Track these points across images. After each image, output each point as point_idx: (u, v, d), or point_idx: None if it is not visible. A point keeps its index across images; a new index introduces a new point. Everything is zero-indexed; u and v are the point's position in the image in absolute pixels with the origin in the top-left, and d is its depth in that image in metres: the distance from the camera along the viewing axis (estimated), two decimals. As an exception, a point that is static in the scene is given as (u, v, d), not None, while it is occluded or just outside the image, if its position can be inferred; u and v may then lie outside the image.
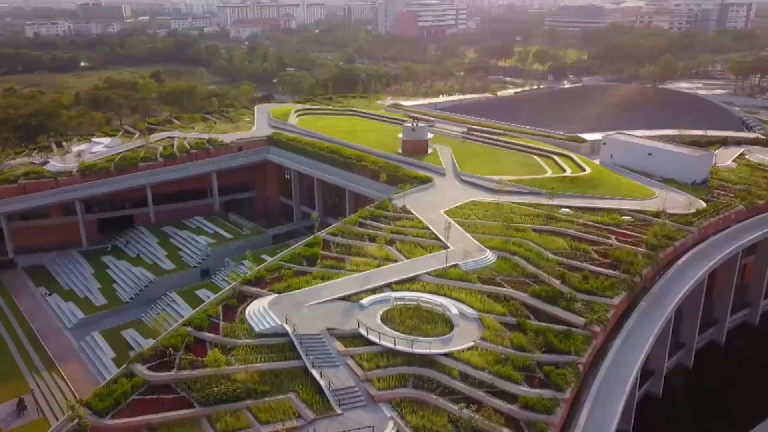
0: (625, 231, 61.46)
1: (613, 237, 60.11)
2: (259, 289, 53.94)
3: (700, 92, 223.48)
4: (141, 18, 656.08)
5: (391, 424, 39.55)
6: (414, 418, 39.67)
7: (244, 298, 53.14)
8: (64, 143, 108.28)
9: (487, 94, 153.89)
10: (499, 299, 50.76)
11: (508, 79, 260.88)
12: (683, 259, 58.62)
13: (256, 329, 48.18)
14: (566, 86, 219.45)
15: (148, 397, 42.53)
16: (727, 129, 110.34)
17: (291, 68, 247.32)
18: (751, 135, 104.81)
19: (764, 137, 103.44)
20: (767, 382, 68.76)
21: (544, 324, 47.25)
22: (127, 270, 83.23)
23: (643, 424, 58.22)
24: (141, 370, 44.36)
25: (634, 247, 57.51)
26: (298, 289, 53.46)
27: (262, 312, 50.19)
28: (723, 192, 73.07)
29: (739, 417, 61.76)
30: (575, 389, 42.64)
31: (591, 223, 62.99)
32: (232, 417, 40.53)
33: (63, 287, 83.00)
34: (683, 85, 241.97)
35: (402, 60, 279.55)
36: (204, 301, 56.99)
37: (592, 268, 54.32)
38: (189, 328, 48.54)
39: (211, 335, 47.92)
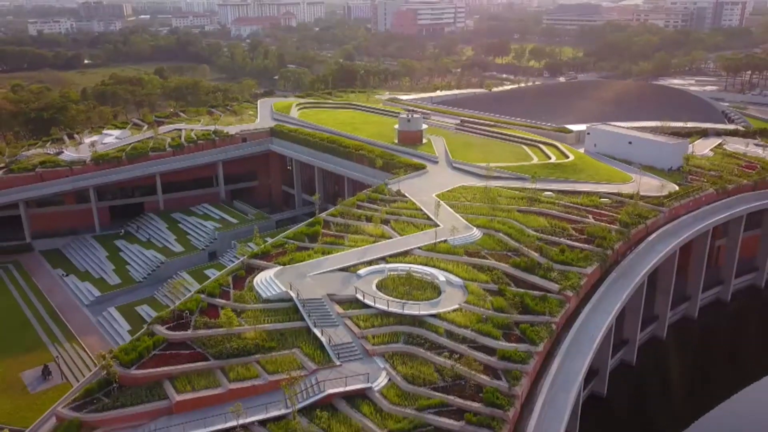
0: (602, 211, 66.68)
1: (590, 216, 65.33)
2: (265, 262, 59.19)
3: (692, 88, 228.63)
4: (142, 16, 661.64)
5: (383, 373, 44.81)
6: (404, 368, 44.92)
7: (252, 270, 58.38)
8: (75, 135, 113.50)
9: (482, 89, 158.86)
10: (483, 269, 55.97)
11: (504, 76, 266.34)
12: (653, 236, 63.86)
13: (263, 295, 53.41)
14: (558, 82, 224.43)
15: (167, 352, 47.71)
16: (710, 121, 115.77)
17: (292, 65, 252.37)
18: (731, 127, 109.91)
19: (743, 129, 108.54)
20: (739, 354, 74.20)
21: (522, 290, 52.52)
22: (139, 252, 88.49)
23: (618, 391, 63.64)
24: (160, 329, 49.58)
25: (608, 225, 62.76)
26: (301, 262, 58.68)
27: (268, 281, 55.43)
28: (696, 177, 78.29)
29: (714, 383, 66.92)
30: (548, 345, 47.87)
31: (571, 205, 68.21)
32: (242, 368, 45.75)
33: (78, 269, 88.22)
34: (676, 82, 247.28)
35: (400, 57, 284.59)
36: (213, 279, 62.13)
37: (569, 242, 59.57)
38: (202, 295, 53.78)
39: (222, 301, 53.14)
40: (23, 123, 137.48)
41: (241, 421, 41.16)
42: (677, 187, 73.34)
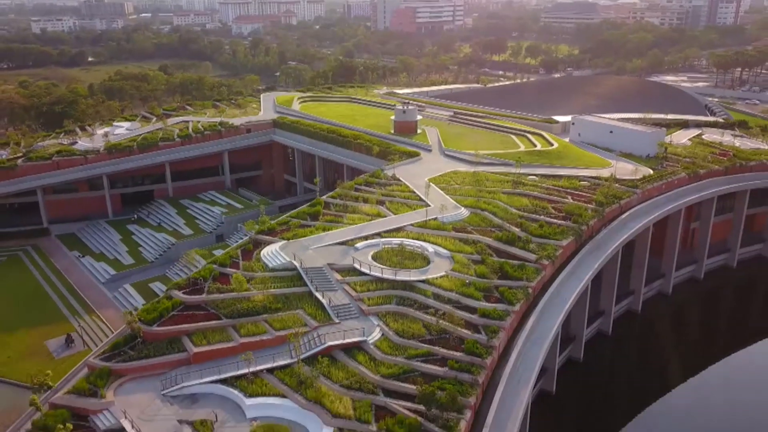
0: (580, 193, 72.38)
1: (569, 197, 71.02)
2: (270, 237, 64.92)
3: (684, 84, 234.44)
4: (143, 14, 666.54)
5: (377, 329, 50.53)
6: (395, 325, 50.65)
7: (259, 245, 64.09)
8: (87, 127, 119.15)
9: (476, 85, 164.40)
10: (468, 243, 61.69)
11: (501, 72, 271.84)
12: (626, 214, 69.61)
13: (270, 265, 59.15)
14: (552, 77, 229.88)
15: (184, 313, 53.42)
16: (694, 114, 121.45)
17: (292, 62, 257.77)
18: (711, 119, 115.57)
19: (723, 121, 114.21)
20: (710, 328, 79.94)
21: (503, 259, 58.23)
22: (151, 235, 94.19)
23: (593, 357, 69.39)
24: (178, 294, 55.33)
25: (585, 204, 68.48)
26: (304, 237, 64.42)
27: (274, 253, 61.17)
28: (671, 163, 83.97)
29: (685, 354, 72.54)
30: (525, 306, 53.58)
31: (552, 187, 73.93)
32: (252, 326, 51.46)
33: (94, 251, 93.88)
34: (669, 78, 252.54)
35: (399, 55, 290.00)
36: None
37: (548, 219, 65.29)
38: (214, 266, 59.49)
39: (232, 270, 58.83)
40: (35, 116, 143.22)
41: (251, 369, 46.92)
42: (651, 172, 79.03)
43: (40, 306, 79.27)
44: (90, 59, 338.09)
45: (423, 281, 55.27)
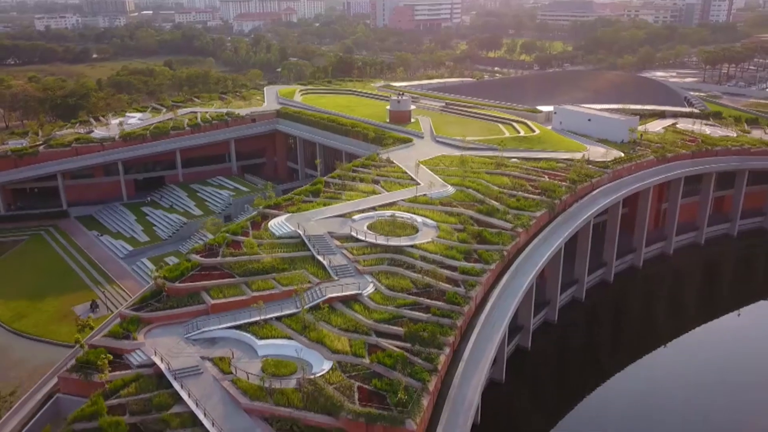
0: (556, 172, 79.95)
1: (546, 176, 78.57)
2: (277, 211, 72.46)
3: (673, 80, 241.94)
4: (144, 12, 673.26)
5: (371, 284, 58.02)
6: (387, 281, 58.16)
7: (266, 217, 71.55)
8: (101, 118, 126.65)
9: (470, 78, 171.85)
10: (453, 214, 69.22)
11: (496, 68, 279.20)
12: (596, 191, 77.19)
13: (277, 234, 66.67)
14: (542, 72, 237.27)
15: (202, 272, 60.91)
16: (674, 106, 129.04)
17: (293, 58, 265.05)
18: (687, 109, 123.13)
19: (698, 111, 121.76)
20: (677, 300, 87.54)
21: (482, 228, 65.78)
22: (164, 216, 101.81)
23: (567, 320, 76.98)
24: (195, 257, 62.82)
25: (560, 182, 76.03)
26: (307, 210, 71.93)
27: (280, 223, 68.70)
28: (643, 148, 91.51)
29: (653, 322, 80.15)
30: (500, 266, 61.12)
31: (531, 168, 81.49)
32: (262, 282, 58.92)
33: (111, 230, 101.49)
34: (659, 74, 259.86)
35: (398, 51, 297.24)
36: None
37: (525, 195, 72.86)
38: (227, 234, 67.01)
39: (243, 237, 66.35)
40: (49, 108, 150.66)
41: (262, 317, 54.41)
42: (623, 155, 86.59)
43: (64, 278, 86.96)
44: (94, 56, 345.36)
45: (411, 246, 62.80)
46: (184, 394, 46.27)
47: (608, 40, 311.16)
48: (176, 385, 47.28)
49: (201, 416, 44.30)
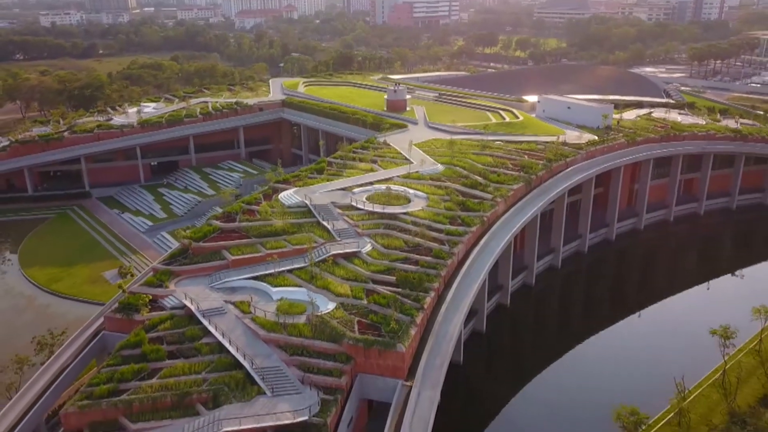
0: (535, 153, 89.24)
1: (525, 156, 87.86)
2: (286, 185, 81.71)
3: (661, 75, 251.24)
4: (146, 9, 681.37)
5: (369, 244, 67.24)
6: (382, 241, 67.38)
7: (277, 191, 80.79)
8: (117, 107, 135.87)
9: (464, 72, 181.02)
10: (441, 188, 78.46)
11: (491, 64, 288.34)
12: (570, 168, 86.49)
13: (287, 203, 75.92)
14: (535, 66, 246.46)
15: (222, 235, 70.18)
16: (652, 97, 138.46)
17: (295, 54, 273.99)
18: (663, 100, 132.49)
19: (674, 102, 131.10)
20: (647, 268, 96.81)
21: (466, 198, 75.09)
22: (179, 196, 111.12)
23: (545, 286, 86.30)
24: (215, 222, 72.07)
25: (537, 161, 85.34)
26: (312, 185, 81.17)
27: (289, 195, 77.99)
28: (616, 132, 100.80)
29: (623, 290, 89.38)
30: (480, 230, 70.39)
31: (513, 149, 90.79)
32: (275, 242, 68.12)
33: (131, 209, 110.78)
34: (648, 70, 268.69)
35: (396, 47, 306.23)
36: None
37: (506, 171, 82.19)
38: (243, 204, 76.28)
39: (257, 207, 75.61)
40: (66, 99, 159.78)
41: (276, 269, 63.64)
42: (596, 138, 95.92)
43: (92, 249, 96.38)
44: (100, 51, 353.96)
45: (404, 213, 72.06)
46: (211, 328, 55.49)
47: (601, 37, 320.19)
48: (204, 322, 56.51)
49: (227, 344, 53.51)
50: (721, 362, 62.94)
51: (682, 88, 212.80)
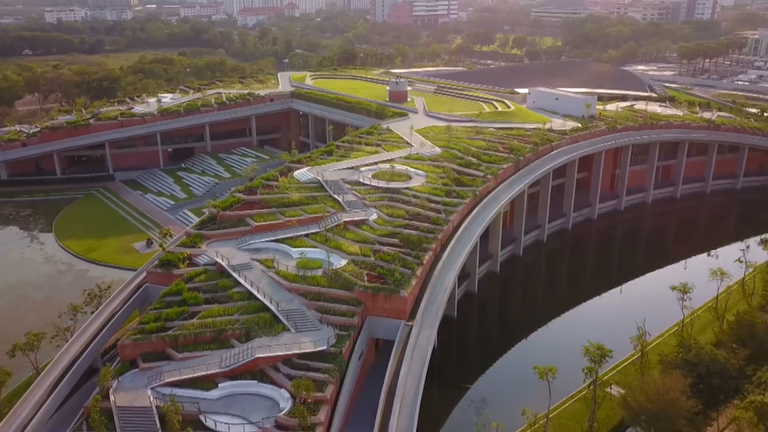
0: (523, 138, 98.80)
1: (515, 140, 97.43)
2: (299, 165, 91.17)
3: (652, 73, 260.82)
4: (148, 6, 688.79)
5: (375, 213, 76.68)
6: (386, 210, 76.79)
7: (291, 169, 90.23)
8: (135, 98, 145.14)
9: (461, 67, 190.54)
10: (439, 167, 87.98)
11: (489, 61, 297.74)
12: (555, 151, 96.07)
13: (301, 180, 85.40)
14: (531, 63, 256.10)
15: (245, 205, 79.59)
16: (637, 92, 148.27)
17: (299, 50, 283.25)
18: (647, 94, 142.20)
19: (656, 95, 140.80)
20: (629, 247, 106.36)
21: (461, 175, 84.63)
22: (198, 178, 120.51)
23: (532, 257, 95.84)
24: (239, 195, 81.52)
25: (525, 144, 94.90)
26: (323, 165, 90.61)
27: (303, 173, 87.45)
28: (599, 121, 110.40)
29: (603, 266, 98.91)
30: (473, 202, 79.89)
31: (504, 134, 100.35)
32: (292, 211, 77.49)
33: (153, 190, 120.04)
34: (640, 68, 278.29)
35: (396, 45, 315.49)
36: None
37: (496, 153, 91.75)
38: (262, 180, 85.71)
39: (274, 182, 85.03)
40: (85, 90, 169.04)
41: (295, 234, 73.07)
42: (579, 125, 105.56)
43: (120, 224, 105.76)
44: (107, 47, 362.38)
45: (406, 188, 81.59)
46: (241, 279, 64.88)
47: (595, 36, 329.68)
48: (235, 275, 65.89)
49: (255, 292, 62.90)
50: (682, 316, 72.50)
51: (672, 85, 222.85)
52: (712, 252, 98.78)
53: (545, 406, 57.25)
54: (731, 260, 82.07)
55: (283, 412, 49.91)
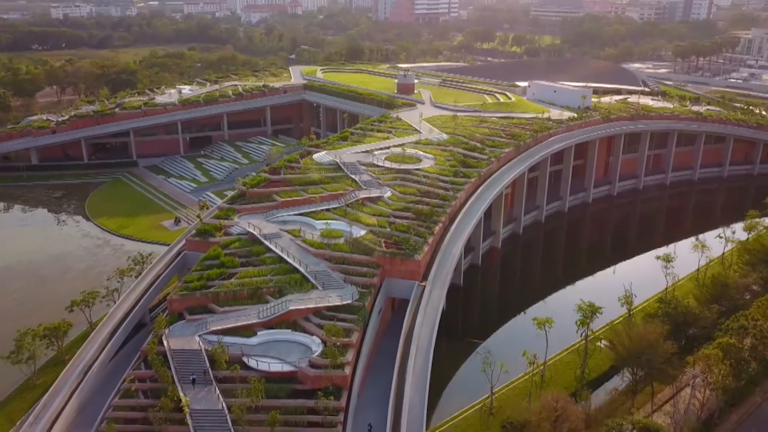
0: (523, 126, 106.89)
1: (516, 128, 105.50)
2: (318, 149, 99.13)
3: (648, 71, 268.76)
4: (150, 2, 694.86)
5: (389, 191, 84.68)
6: (399, 189, 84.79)
7: (310, 152, 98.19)
8: (155, 89, 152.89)
9: (463, 63, 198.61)
10: (446, 151, 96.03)
11: (489, 58, 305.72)
12: (553, 138, 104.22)
13: (321, 161, 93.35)
14: (531, 59, 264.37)
15: (271, 183, 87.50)
16: (631, 86, 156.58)
17: (304, 46, 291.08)
18: (640, 88, 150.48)
19: (649, 90, 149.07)
20: (621, 227, 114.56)
21: (467, 158, 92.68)
22: (217, 164, 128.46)
23: (530, 236, 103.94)
24: (265, 174, 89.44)
25: (525, 131, 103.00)
26: (340, 149, 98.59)
27: (322, 156, 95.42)
28: (594, 112, 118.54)
29: (598, 249, 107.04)
30: (478, 181, 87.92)
31: (505, 123, 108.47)
32: (313, 189, 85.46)
33: (175, 175, 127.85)
34: (636, 65, 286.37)
35: (399, 42, 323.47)
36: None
37: (499, 139, 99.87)
38: (285, 162, 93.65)
39: (297, 164, 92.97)
40: (104, 82, 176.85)
41: (318, 208, 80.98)
42: (575, 115, 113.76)
43: (148, 205, 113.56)
44: (115, 43, 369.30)
45: (416, 169, 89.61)
46: (272, 246, 72.75)
47: (593, 35, 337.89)
48: (266, 242, 73.76)
49: (285, 256, 70.79)
50: (667, 285, 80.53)
51: (667, 82, 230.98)
52: (698, 233, 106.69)
53: (543, 357, 65.25)
54: (715, 242, 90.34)
55: (315, 354, 57.97)
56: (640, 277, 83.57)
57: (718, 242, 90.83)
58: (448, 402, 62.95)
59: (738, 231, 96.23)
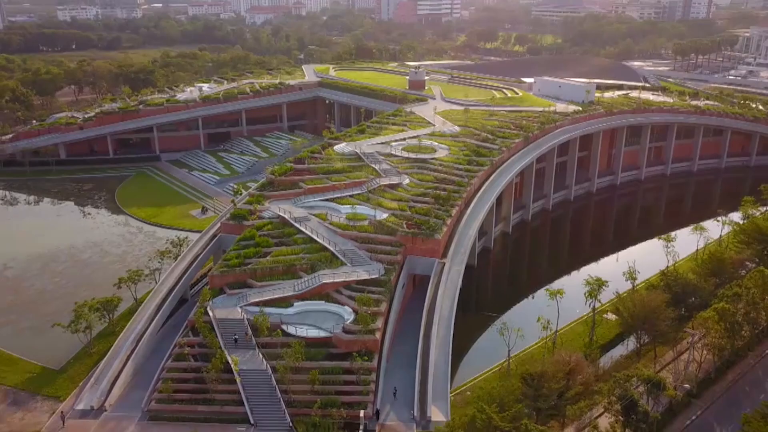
0: (531, 118, 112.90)
1: (524, 121, 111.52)
2: (337, 141, 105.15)
3: (647, 68, 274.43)
4: (154, 5, 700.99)
5: (407, 178, 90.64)
6: (417, 176, 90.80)
7: (331, 144, 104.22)
8: (174, 87, 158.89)
9: (468, 61, 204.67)
10: (459, 142, 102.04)
11: (491, 57, 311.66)
12: (559, 129, 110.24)
13: (341, 152, 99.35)
14: (535, 56, 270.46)
15: (296, 172, 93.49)
16: (632, 82, 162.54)
17: (312, 46, 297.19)
18: (641, 84, 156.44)
19: (649, 86, 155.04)
20: (623, 214, 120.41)
21: (479, 148, 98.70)
22: (238, 158, 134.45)
23: (539, 223, 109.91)
24: (290, 164, 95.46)
25: (533, 123, 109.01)
26: (359, 141, 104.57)
27: (342, 147, 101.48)
28: (597, 105, 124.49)
29: (602, 235, 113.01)
30: (490, 169, 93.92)
31: (514, 116, 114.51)
32: (336, 177, 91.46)
33: (197, 168, 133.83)
34: (636, 63, 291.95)
35: (403, 41, 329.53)
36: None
37: (508, 131, 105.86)
38: (308, 153, 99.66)
39: (319, 155, 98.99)
40: (123, 81, 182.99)
41: (341, 195, 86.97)
42: (580, 108, 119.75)
43: (174, 196, 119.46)
44: (124, 44, 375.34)
45: (432, 159, 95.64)
46: (302, 228, 78.72)
47: (594, 34, 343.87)
48: (296, 225, 79.77)
49: (315, 237, 76.74)
50: (668, 264, 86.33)
51: (667, 79, 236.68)
52: (697, 220, 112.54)
53: (554, 328, 71.09)
54: (713, 226, 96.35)
55: (348, 321, 63.96)
56: (643, 257, 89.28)
57: (715, 226, 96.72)
58: (468, 367, 68.80)
59: (735, 217, 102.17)
